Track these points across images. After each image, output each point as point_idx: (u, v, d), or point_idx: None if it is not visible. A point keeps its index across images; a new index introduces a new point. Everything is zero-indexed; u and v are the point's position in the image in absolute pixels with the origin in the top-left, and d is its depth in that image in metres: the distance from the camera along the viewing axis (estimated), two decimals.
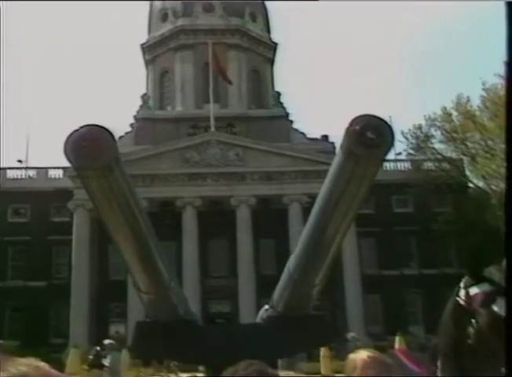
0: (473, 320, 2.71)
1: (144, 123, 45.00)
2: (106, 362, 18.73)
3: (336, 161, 13.28)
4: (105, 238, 20.05)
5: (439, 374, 3.14)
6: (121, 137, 39.94)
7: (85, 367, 20.38)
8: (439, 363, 3.16)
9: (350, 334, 21.20)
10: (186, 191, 39.92)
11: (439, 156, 43.37)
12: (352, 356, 2.55)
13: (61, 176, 42.06)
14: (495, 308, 2.65)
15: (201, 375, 15.25)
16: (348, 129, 9.28)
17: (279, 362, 27.41)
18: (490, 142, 40.66)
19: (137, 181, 28.03)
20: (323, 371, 20.50)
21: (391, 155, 44.24)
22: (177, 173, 40.33)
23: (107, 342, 21.11)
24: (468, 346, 2.75)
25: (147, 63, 52.15)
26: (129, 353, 22.16)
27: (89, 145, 5.49)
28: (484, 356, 2.64)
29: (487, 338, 2.62)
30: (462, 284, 2.91)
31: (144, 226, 12.79)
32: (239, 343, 16.84)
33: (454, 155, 43.29)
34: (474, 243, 34.06)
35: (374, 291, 40.60)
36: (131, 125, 46.64)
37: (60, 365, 18.19)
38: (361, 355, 2.52)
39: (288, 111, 46.99)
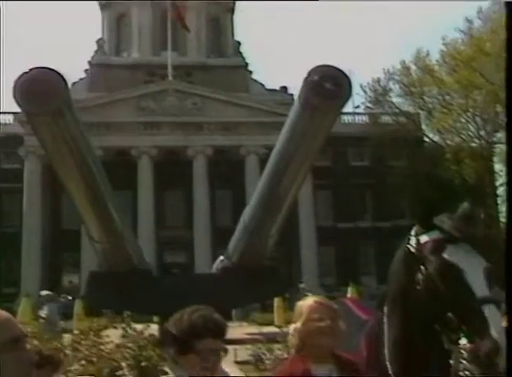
0: (422, 267, 2.77)
1: (98, 69, 43.85)
2: (43, 313, 18.61)
3: (293, 112, 13.27)
4: (58, 186, 19.75)
5: (385, 320, 3.23)
6: (74, 84, 38.88)
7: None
8: (386, 309, 3.25)
9: (301, 285, 21.56)
10: (142, 140, 39.40)
11: (396, 110, 43.72)
12: (299, 302, 2.58)
13: (11, 121, 40.89)
14: (445, 255, 2.71)
15: (155, 325, 15.35)
16: (306, 79, 9.23)
17: (234, 312, 27.91)
18: (447, 97, 41.11)
19: (90, 129, 27.43)
20: (276, 322, 20.88)
21: (349, 108, 44.45)
22: (132, 121, 39.68)
23: (43, 293, 20.97)
24: (416, 292, 2.83)
25: (102, 7, 50.47)
26: (81, 302, 22.19)
27: (39, 88, 5.33)
28: (432, 303, 2.71)
29: (435, 284, 2.68)
30: (413, 232, 2.96)
31: (97, 174, 12.65)
32: (193, 293, 17.00)
33: (411, 110, 43.71)
34: (427, 194, 34.76)
35: (328, 243, 41.33)
36: (85, 71, 45.42)
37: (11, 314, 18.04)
38: (308, 301, 2.56)
39: (247, 61, 46.47)
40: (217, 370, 2.28)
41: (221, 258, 20.41)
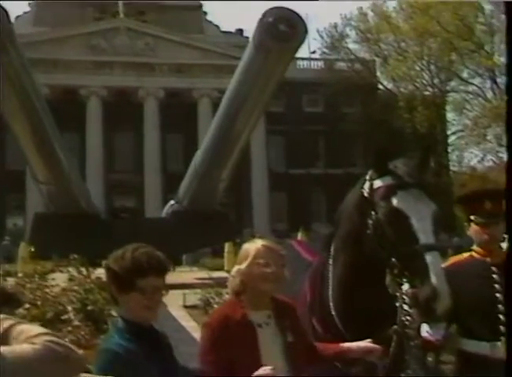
0: (373, 213, 2.78)
1: (44, 2, 42.03)
2: None
3: (246, 54, 13.10)
4: (1, 125, 19.12)
5: (331, 262, 3.25)
6: (18, 17, 37.29)
7: None
8: (332, 250, 3.27)
9: (245, 230, 21.66)
10: (91, 79, 38.32)
11: (352, 56, 43.63)
12: (246, 244, 2.53)
13: None
14: (394, 201, 2.74)
15: (102, 269, 15.29)
16: (260, 20, 9.06)
17: (184, 257, 28.07)
18: (403, 44, 41.18)
19: (36, 65, 26.43)
20: (226, 267, 21.05)
21: (305, 54, 44.15)
22: (81, 60, 38.47)
23: None
24: (367, 236, 2.82)
25: None
26: (27, 245, 21.86)
27: None
28: (379, 247, 2.73)
29: (383, 229, 2.71)
30: (367, 176, 2.97)
31: (43, 113, 12.30)
32: (143, 237, 16.89)
33: (367, 56, 43.69)
34: (380, 141, 35.14)
35: (280, 189, 41.61)
36: (30, 4, 43.50)
37: None
38: (256, 244, 2.51)
39: (202, 2, 45.28)
40: (158, 308, 2.26)
41: (172, 202, 20.38)
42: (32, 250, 18.99)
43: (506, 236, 2.85)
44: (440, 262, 2.53)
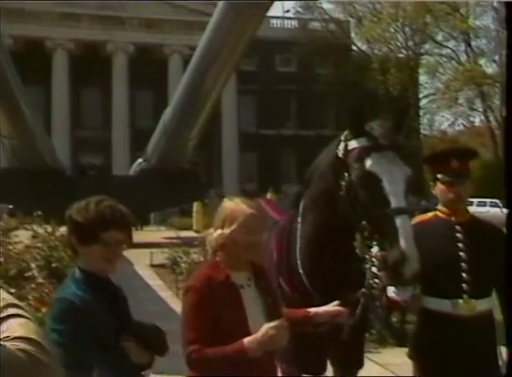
0: (346, 174, 2.76)
1: None
2: None
3: (218, 11, 12.85)
4: None
5: (299, 220, 3.23)
6: None
7: None
8: (301, 209, 3.24)
9: (212, 190, 21.59)
10: (57, 31, 37.35)
11: (326, 16, 43.26)
12: (231, 205, 2.42)
13: None
14: (368, 163, 2.70)
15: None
16: None
17: (152, 216, 28.00)
18: (378, 5, 40.95)
19: None
20: (194, 227, 21.07)
21: (278, 12, 43.62)
22: (47, 11, 37.39)
23: None
24: (339, 197, 2.80)
25: None
26: None
27: None
28: (351, 209, 2.72)
29: (355, 191, 2.70)
30: (342, 137, 2.91)
31: (5, 65, 11.94)
32: (110, 195, 16.75)
33: (341, 17, 43.36)
34: (355, 102, 35.10)
35: (250, 150, 41.54)
36: None
37: None
38: (243, 208, 2.41)
39: None
40: (118, 261, 2.28)
41: (140, 160, 20.19)
42: None
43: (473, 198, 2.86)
44: (410, 226, 2.53)
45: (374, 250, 2.61)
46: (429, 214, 3.03)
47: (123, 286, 2.43)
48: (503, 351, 2.92)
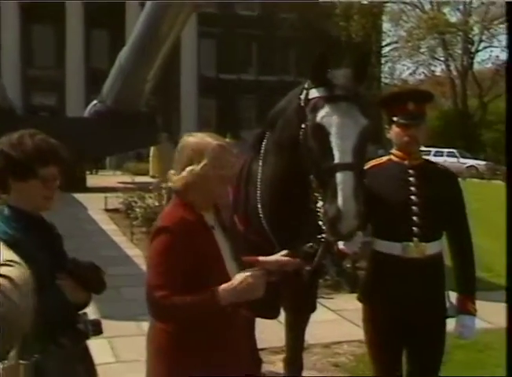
0: (303, 125, 2.74)
1: None
2: None
3: None
4: None
5: (260, 162, 3.15)
6: None
7: None
8: (263, 150, 3.20)
9: (164, 135, 21.25)
10: None
11: None
12: (195, 141, 2.30)
13: None
14: (319, 115, 2.66)
15: None
16: None
17: (108, 161, 27.66)
18: None
19: None
20: (151, 172, 20.89)
21: None
22: None
23: None
24: (299, 147, 2.77)
25: None
26: None
27: None
28: (304, 161, 2.74)
29: (309, 143, 2.69)
30: (306, 85, 2.86)
31: None
32: (63, 137, 16.43)
33: None
34: (318, 49, 34.87)
35: (210, 95, 41.07)
36: None
37: None
38: (210, 141, 2.29)
39: None
40: (54, 198, 2.20)
41: (95, 101, 19.74)
42: None
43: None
44: (352, 183, 2.51)
45: (320, 204, 2.62)
46: (384, 158, 3.04)
47: (77, 230, 2.36)
48: (452, 296, 3.00)
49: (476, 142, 42.30)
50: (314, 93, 2.77)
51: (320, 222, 2.64)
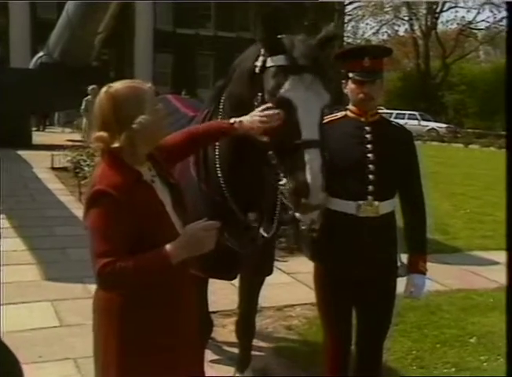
0: (259, 94, 2.66)
1: None
2: None
3: None
4: None
5: (220, 116, 3.04)
6: None
7: None
8: (221, 107, 3.08)
9: (91, 88, 20.79)
10: None
11: None
12: (123, 88, 2.18)
13: None
14: (284, 88, 2.55)
15: None
16: None
17: (56, 117, 27.05)
18: None
19: None
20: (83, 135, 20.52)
21: None
22: None
23: None
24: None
25: None
26: None
27: None
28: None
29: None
30: (262, 51, 2.73)
31: None
32: (7, 90, 16.02)
33: None
34: (274, 9, 34.50)
35: (165, 50, 40.33)
36: None
37: None
38: (138, 87, 2.20)
39: None
40: None
41: (41, 53, 19.21)
42: None
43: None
44: (319, 160, 2.48)
45: (283, 181, 2.57)
46: (339, 114, 3.01)
47: (21, 189, 2.21)
48: (403, 257, 3.04)
49: (437, 104, 42.81)
50: (273, 61, 2.64)
51: (284, 199, 2.62)
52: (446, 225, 9.20)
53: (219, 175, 3.03)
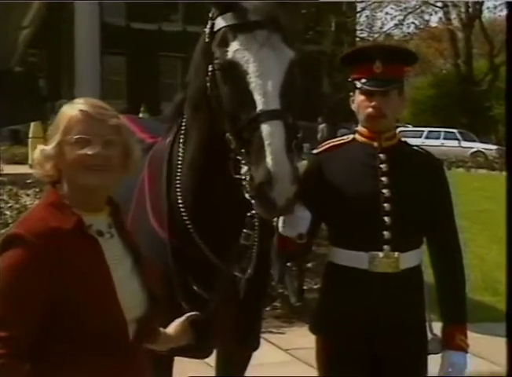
0: (210, 67, 2.75)
1: None
2: None
3: None
4: None
5: (181, 139, 3.12)
6: None
7: None
8: (184, 122, 3.14)
9: (58, 102, 21.03)
10: None
11: None
12: (61, 110, 2.25)
13: None
14: (231, 49, 2.65)
15: None
16: None
17: None
18: None
19: None
20: (30, 159, 20.62)
21: None
22: None
23: None
24: (208, 99, 2.80)
25: None
26: None
27: None
28: (221, 101, 2.71)
29: (219, 90, 2.70)
30: (210, 14, 2.87)
31: None
32: None
33: None
34: None
35: (117, 51, 40.62)
36: None
37: None
38: (71, 109, 2.26)
39: None
40: None
41: None
42: None
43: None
44: (283, 135, 2.49)
45: (244, 169, 2.60)
46: (346, 138, 3.04)
47: None
48: (436, 327, 3.03)
49: (484, 119, 42.82)
50: (221, 23, 2.76)
51: (247, 195, 2.61)
52: (497, 282, 9.15)
53: (182, 213, 3.07)
